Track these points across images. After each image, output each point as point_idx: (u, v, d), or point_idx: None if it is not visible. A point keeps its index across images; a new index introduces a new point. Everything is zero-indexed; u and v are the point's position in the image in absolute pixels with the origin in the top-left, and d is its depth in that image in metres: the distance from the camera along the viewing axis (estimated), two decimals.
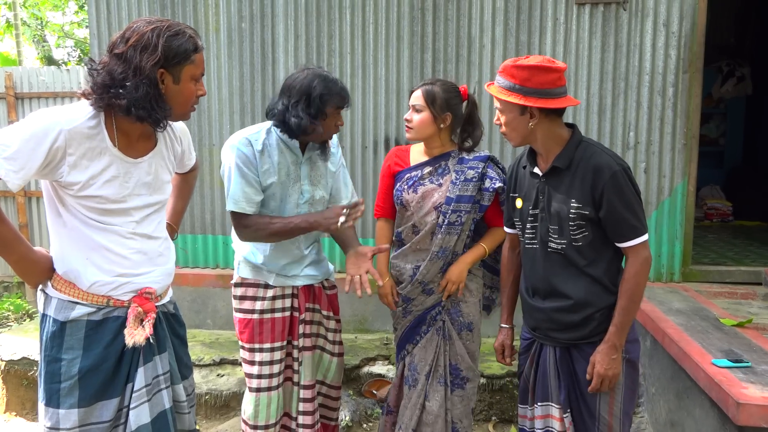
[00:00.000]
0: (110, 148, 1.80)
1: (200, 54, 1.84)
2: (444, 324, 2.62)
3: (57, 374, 1.80)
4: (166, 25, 1.77)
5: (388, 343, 4.13)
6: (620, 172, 2.03)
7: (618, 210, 2.02)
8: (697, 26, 4.03)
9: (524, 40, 4.17)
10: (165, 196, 2.02)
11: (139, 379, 1.87)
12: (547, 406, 2.26)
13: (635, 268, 2.06)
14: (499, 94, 2.08)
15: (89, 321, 1.83)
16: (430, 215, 2.53)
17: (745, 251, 5.08)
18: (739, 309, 3.67)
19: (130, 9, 4.53)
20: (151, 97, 1.74)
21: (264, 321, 2.54)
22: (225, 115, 4.49)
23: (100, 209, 1.80)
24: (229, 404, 3.77)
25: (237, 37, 4.41)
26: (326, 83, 2.36)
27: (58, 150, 1.70)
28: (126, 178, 1.85)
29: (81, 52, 13.88)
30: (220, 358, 3.95)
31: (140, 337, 1.83)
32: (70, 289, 1.83)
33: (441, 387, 2.61)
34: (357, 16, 4.29)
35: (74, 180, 1.75)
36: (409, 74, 4.28)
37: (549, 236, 2.15)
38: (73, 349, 1.81)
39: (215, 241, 4.60)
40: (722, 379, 2.47)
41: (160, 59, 1.73)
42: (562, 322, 2.15)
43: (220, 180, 4.54)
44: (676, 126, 4.10)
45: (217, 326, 4.54)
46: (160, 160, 1.97)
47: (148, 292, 1.90)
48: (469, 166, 2.53)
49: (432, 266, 2.55)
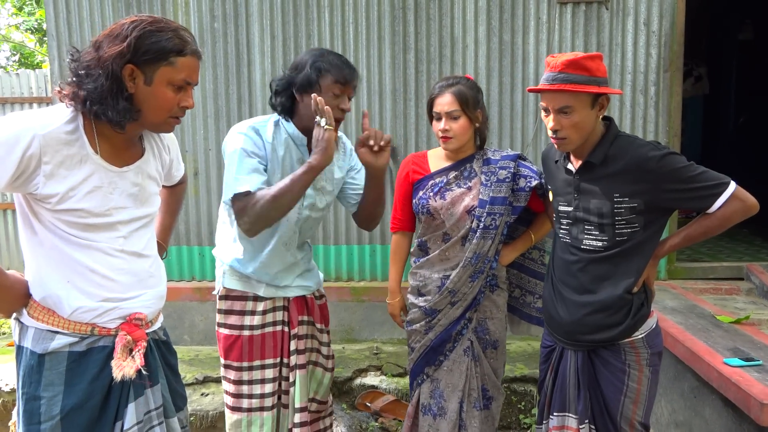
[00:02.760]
0: (91, 155, 1.59)
1: (188, 58, 1.61)
2: (472, 344, 2.45)
3: (36, 414, 1.59)
4: (150, 20, 1.57)
5: (378, 353, 4.01)
6: (664, 156, 1.94)
7: (686, 187, 1.94)
8: (676, 25, 4.07)
9: (507, 39, 4.12)
10: (153, 209, 1.80)
11: (130, 416, 1.66)
12: (563, 417, 2.19)
13: (731, 208, 1.94)
14: (576, 89, 1.92)
15: (71, 352, 1.61)
16: (464, 221, 2.38)
17: (717, 246, 5.18)
18: (726, 305, 3.72)
19: (91, 8, 4.26)
20: (107, 92, 1.53)
21: (254, 338, 2.29)
22: (198, 119, 4.27)
23: (81, 224, 1.59)
24: (216, 425, 3.56)
25: (209, 37, 4.20)
26: (324, 54, 2.10)
27: (31, 158, 1.49)
28: (110, 189, 1.63)
29: (21, 56, 13.20)
30: (203, 376, 3.75)
31: (130, 370, 1.61)
32: (49, 317, 1.61)
33: (477, 412, 2.45)
34: (336, 15, 4.16)
35: (51, 192, 1.54)
36: (392, 75, 4.18)
37: (585, 234, 2.06)
38: (54, 385, 1.59)
39: (191, 252, 4.37)
40: (739, 379, 2.45)
41: (125, 52, 1.52)
42: (591, 323, 2.07)
43: (195, 188, 4.35)
44: (658, 124, 4.13)
45: (195, 342, 4.32)
46: (147, 170, 1.76)
47: (138, 318, 1.69)
48: (500, 167, 2.38)
49: (464, 273, 2.38)
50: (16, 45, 13.46)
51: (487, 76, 4.14)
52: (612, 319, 2.04)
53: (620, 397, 2.07)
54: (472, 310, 2.45)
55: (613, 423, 2.10)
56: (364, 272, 4.31)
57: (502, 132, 4.19)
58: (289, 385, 2.34)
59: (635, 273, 2.03)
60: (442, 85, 2.36)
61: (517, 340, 4.17)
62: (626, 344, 2.06)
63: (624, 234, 2.00)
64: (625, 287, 2.03)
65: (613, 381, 2.08)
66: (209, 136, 4.28)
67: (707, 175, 1.95)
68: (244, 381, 2.30)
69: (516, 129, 4.19)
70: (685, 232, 2.05)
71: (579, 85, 1.93)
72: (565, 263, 2.13)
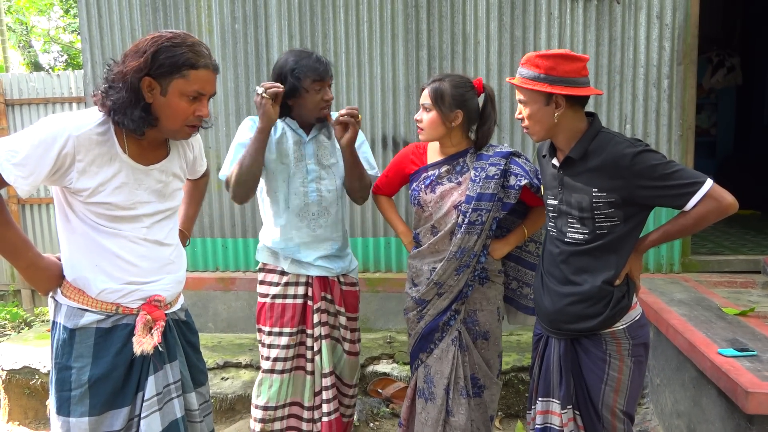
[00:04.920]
0: (120, 154, 1.80)
1: (200, 71, 1.76)
2: (460, 334, 2.53)
3: (67, 382, 1.79)
4: (169, 36, 1.74)
5: (392, 342, 4.13)
6: (638, 153, 1.97)
7: (659, 185, 1.96)
8: (690, 17, 4.05)
9: (519, 35, 4.17)
10: (176, 203, 2.00)
11: (150, 387, 1.85)
12: (548, 402, 2.27)
13: (705, 208, 1.95)
14: (523, 84, 2.04)
15: (98, 328, 1.82)
16: (450, 215, 2.45)
17: (741, 240, 5.12)
18: (740, 298, 3.70)
19: (121, 12, 4.48)
20: (127, 103, 1.71)
21: (275, 305, 2.60)
22: (221, 117, 4.46)
23: (109, 215, 1.80)
24: (235, 407, 3.75)
25: (231, 38, 4.38)
26: (298, 57, 2.37)
27: (66, 156, 1.70)
28: (136, 185, 1.84)
29: (68, 56, 13.75)
30: (224, 362, 3.93)
31: (148, 346, 1.81)
32: (80, 297, 1.82)
33: (464, 399, 2.52)
34: (351, 14, 4.28)
35: (83, 186, 1.74)
36: (405, 72, 4.28)
37: (568, 227, 2.13)
38: (83, 357, 1.80)
39: (214, 243, 4.57)
40: (729, 369, 2.48)
41: (142, 67, 1.70)
42: (572, 313, 2.14)
43: (219, 183, 4.54)
44: (671, 118, 4.12)
45: (218, 330, 4.52)
46: (172, 169, 1.96)
47: (157, 299, 1.89)
48: (491, 163, 2.42)
49: (449, 266, 2.46)
50: (64, 46, 14.04)
51: (498, 72, 4.20)
52: (591, 309, 2.10)
53: (601, 385, 2.14)
54: (459, 302, 2.51)
55: (595, 409, 2.17)
56: (379, 264, 4.44)
57: (514, 128, 4.24)
58: (315, 353, 2.61)
59: (614, 266, 2.08)
60: (431, 79, 2.46)
61: (529, 331, 4.23)
62: (607, 334, 2.12)
63: (604, 227, 2.06)
64: (604, 279, 2.08)
65: (593, 369, 2.15)
66: (231, 133, 4.46)
67: (682, 173, 1.96)
68: (265, 344, 2.62)
69: None
70: (664, 229, 2.10)
71: (527, 81, 2.03)
72: (551, 255, 2.22)
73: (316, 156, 2.55)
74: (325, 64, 2.41)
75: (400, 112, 4.32)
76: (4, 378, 4.00)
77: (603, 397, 2.14)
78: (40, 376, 3.95)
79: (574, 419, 2.21)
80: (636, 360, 2.13)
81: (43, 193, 6.22)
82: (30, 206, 6.23)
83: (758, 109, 7.56)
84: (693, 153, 4.16)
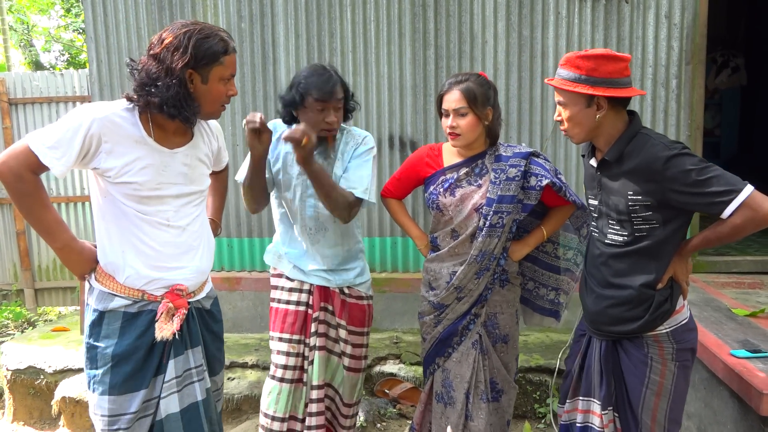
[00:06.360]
0: (146, 138, 1.91)
1: (231, 56, 1.92)
2: (481, 338, 2.48)
3: (95, 360, 1.93)
4: (198, 28, 1.87)
5: (398, 342, 4.12)
6: (672, 157, 1.90)
7: (693, 191, 1.88)
8: (698, 17, 4.04)
9: (527, 34, 4.16)
10: (202, 187, 2.10)
11: (170, 370, 1.96)
12: (588, 402, 2.24)
13: (741, 218, 1.85)
14: (564, 86, 1.99)
15: (125, 312, 1.94)
16: (471, 218, 2.40)
17: (747, 240, 5.10)
18: (748, 299, 3.68)
19: (127, 11, 4.47)
20: (180, 97, 1.85)
21: (278, 310, 2.59)
22: (227, 116, 4.44)
23: (136, 196, 1.90)
24: (241, 408, 3.74)
25: (237, 37, 4.37)
26: (311, 72, 2.37)
27: (92, 137, 1.83)
28: (162, 167, 1.94)
29: (70, 55, 13.73)
30: (229, 362, 3.91)
31: (168, 332, 1.92)
32: (109, 282, 1.94)
33: (484, 404, 2.48)
34: (358, 13, 4.27)
35: (111, 165, 1.86)
36: (412, 71, 4.26)
37: (609, 228, 2.10)
38: (109, 338, 1.92)
39: (220, 243, 4.56)
40: (743, 370, 2.47)
41: (190, 61, 1.84)
42: (612, 315, 2.10)
43: None
44: (680, 118, 4.11)
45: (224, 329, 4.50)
46: (197, 153, 2.06)
47: (179, 288, 1.98)
48: (510, 164, 2.36)
49: (469, 270, 2.41)
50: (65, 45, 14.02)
51: (506, 72, 4.19)
52: (631, 313, 2.06)
53: (642, 389, 2.08)
54: (479, 305, 2.48)
55: (633, 414, 2.12)
56: (385, 264, 4.42)
57: (521, 127, 4.23)
58: (308, 363, 2.56)
59: (654, 270, 2.02)
60: (451, 82, 2.37)
61: (536, 332, 4.22)
62: (649, 337, 2.07)
63: (643, 230, 2.01)
64: (643, 283, 2.03)
65: (635, 372, 2.10)
66: (237, 132, 4.45)
67: (719, 180, 1.87)
68: (272, 349, 2.59)
69: (535, 123, 4.22)
70: (704, 235, 2.01)
71: (566, 83, 1.99)
72: (593, 256, 2.20)
73: None
74: (331, 87, 2.33)
75: (407, 112, 4.31)
76: (8, 378, 3.99)
77: (644, 402, 2.08)
78: (45, 376, 3.94)
79: (613, 421, 2.16)
80: (681, 365, 2.06)
81: (71, 192, 6.23)
82: (57, 204, 6.16)
83: (762, 109, 7.55)
84: (701, 153, 4.15)
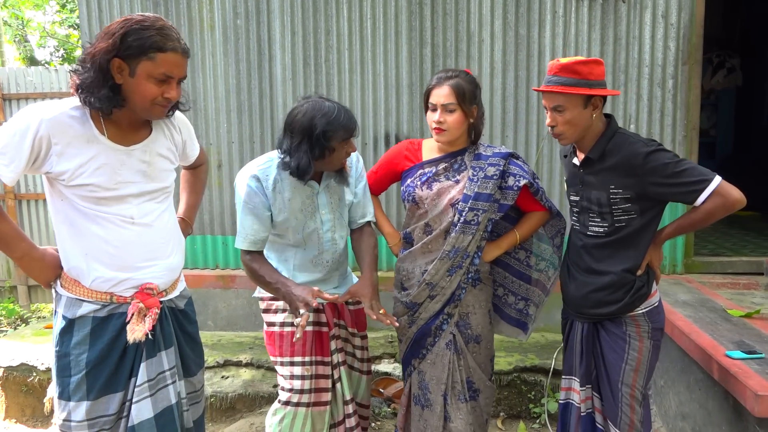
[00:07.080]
0: (98, 136, 1.81)
1: (168, 55, 1.76)
2: (455, 338, 2.47)
3: (67, 368, 1.85)
4: (139, 20, 1.75)
5: (393, 341, 4.11)
6: (650, 153, 2.11)
7: (670, 182, 2.11)
8: (695, 17, 4.03)
9: (523, 33, 4.14)
10: (164, 184, 2.00)
11: (141, 373, 1.89)
12: (569, 380, 2.47)
13: (712, 204, 2.09)
14: (569, 91, 2.13)
15: (95, 317, 1.86)
16: (447, 213, 2.39)
17: (742, 241, 5.12)
18: (743, 299, 3.69)
19: (121, 7, 4.44)
20: (94, 83, 1.74)
21: (283, 334, 2.44)
22: (222, 113, 4.42)
23: (94, 197, 1.82)
24: (235, 406, 3.72)
25: (232, 34, 4.34)
26: (328, 118, 2.17)
27: (42, 140, 1.73)
28: (118, 166, 1.84)
29: (65, 51, 13.66)
30: (224, 360, 3.90)
31: (139, 333, 1.85)
32: (76, 287, 1.86)
33: (463, 404, 2.48)
34: (354, 11, 4.24)
35: (63, 169, 1.77)
36: (409, 69, 4.24)
37: (590, 221, 2.30)
38: (81, 345, 1.85)
39: (214, 241, 4.54)
40: (738, 371, 2.47)
41: (110, 48, 1.72)
42: (594, 299, 2.30)
43: (219, 180, 4.51)
44: (676, 118, 4.10)
45: (218, 327, 4.49)
46: (156, 148, 1.97)
47: (149, 288, 1.91)
48: (489, 163, 2.38)
49: (441, 266, 2.40)
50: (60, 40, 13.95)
51: (502, 71, 4.18)
52: (612, 296, 2.27)
53: (621, 364, 2.29)
54: (452, 305, 2.46)
55: (612, 389, 2.31)
56: (380, 263, 4.41)
57: (518, 126, 4.22)
58: (336, 381, 2.47)
59: (633, 257, 2.26)
60: (440, 77, 2.36)
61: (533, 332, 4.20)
62: (627, 317, 2.29)
63: (622, 220, 2.23)
64: (624, 268, 2.25)
65: (614, 348, 2.30)
66: (232, 129, 4.42)
67: (692, 171, 2.11)
68: (286, 375, 2.44)
69: (531, 123, 4.21)
70: (677, 223, 2.28)
71: (569, 87, 2.15)
72: (575, 246, 2.41)
73: (330, 205, 2.40)
74: (352, 120, 2.25)
75: (403, 110, 4.29)
76: (1, 375, 3.96)
77: (623, 376, 2.28)
78: (38, 373, 3.91)
79: (591, 398, 2.39)
80: (654, 343, 2.29)
81: (40, 189, 6.16)
82: (27, 201, 6.17)
83: (758, 110, 7.57)
84: (697, 153, 4.15)
